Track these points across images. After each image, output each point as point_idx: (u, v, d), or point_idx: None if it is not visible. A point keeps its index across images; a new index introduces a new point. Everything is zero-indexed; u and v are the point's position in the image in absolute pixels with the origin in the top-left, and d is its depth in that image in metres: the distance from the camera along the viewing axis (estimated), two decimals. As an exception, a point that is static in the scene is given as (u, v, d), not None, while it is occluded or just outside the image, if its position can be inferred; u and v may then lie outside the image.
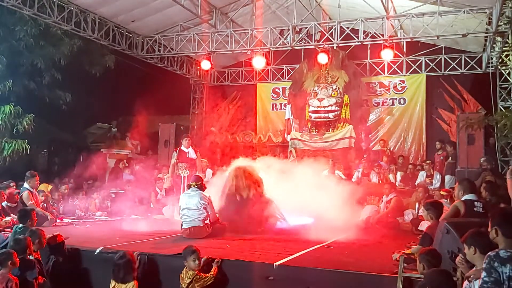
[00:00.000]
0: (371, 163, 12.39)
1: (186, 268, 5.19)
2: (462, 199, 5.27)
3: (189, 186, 7.61)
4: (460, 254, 3.75)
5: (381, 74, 14.74)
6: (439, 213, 5.22)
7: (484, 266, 2.94)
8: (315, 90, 14.02)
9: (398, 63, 14.46)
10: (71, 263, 5.93)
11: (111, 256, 5.64)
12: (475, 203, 5.16)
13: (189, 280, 5.11)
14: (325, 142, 13.47)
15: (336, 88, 13.82)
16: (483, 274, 2.91)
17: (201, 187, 7.52)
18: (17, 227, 6.02)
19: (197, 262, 5.17)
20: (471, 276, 3.38)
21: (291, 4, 12.81)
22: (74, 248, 6.04)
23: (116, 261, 5.24)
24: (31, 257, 5.18)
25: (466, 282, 3.48)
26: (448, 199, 8.26)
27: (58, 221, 8.87)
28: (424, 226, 8.20)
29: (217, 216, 7.65)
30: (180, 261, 5.32)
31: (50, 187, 10.08)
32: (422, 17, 11.30)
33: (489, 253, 2.98)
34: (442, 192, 9.15)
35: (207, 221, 7.36)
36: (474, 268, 3.38)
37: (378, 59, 14.07)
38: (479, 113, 12.60)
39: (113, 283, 5.19)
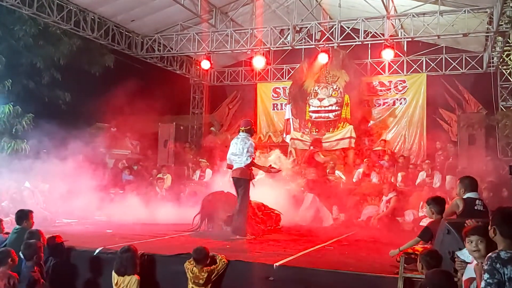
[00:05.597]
0: (372, 163, 12.35)
1: (195, 267, 5.17)
2: (464, 197, 5.22)
3: (238, 130, 7.70)
4: (457, 259, 3.71)
5: (382, 74, 14.69)
6: (441, 208, 5.10)
7: (485, 267, 2.89)
8: (315, 90, 14.00)
9: (398, 63, 14.41)
10: (71, 264, 5.92)
11: (110, 257, 5.62)
12: (476, 201, 5.09)
13: (206, 275, 5.11)
14: (325, 142, 13.43)
15: (336, 88, 13.80)
16: (485, 275, 2.86)
17: (250, 130, 7.58)
18: (14, 228, 6.00)
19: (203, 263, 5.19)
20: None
21: (291, 3, 12.79)
22: (73, 248, 6.02)
23: (119, 254, 5.23)
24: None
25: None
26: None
27: (57, 221, 8.85)
28: (424, 223, 8.17)
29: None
30: (181, 261, 5.30)
31: (47, 186, 10.03)
32: (422, 16, 11.29)
33: (489, 254, 2.95)
34: None
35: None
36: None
37: (378, 59, 14.01)
38: (480, 113, 12.59)
39: (115, 278, 5.15)
